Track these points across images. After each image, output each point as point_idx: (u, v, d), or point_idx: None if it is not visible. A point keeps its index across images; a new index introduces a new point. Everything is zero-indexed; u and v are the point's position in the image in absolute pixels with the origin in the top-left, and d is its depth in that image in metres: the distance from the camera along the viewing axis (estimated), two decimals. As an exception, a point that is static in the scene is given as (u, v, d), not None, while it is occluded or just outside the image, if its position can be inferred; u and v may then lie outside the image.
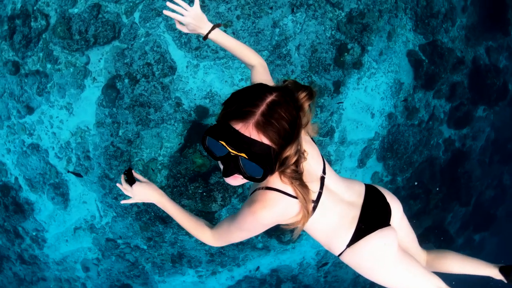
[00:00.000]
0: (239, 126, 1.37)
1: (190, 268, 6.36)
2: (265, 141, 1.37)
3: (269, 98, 1.40)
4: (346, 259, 1.97)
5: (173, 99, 5.22)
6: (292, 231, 1.74)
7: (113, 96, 5.13)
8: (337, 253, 1.96)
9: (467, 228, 8.32)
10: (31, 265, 6.16)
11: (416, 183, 6.84)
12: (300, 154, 1.54)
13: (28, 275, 6.29)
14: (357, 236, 1.89)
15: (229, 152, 1.41)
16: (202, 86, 5.25)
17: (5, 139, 5.45)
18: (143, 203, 5.60)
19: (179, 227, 5.81)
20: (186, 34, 5.04)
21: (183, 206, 5.70)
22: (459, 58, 6.33)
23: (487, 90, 6.75)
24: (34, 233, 5.89)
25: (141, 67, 5.05)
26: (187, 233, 5.87)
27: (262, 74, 2.07)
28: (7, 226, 5.87)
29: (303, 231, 1.84)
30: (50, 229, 5.88)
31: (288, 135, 1.42)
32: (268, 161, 1.40)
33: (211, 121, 5.37)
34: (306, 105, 1.51)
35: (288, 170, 1.56)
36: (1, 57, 5.17)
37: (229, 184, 1.63)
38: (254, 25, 5.04)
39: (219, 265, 6.44)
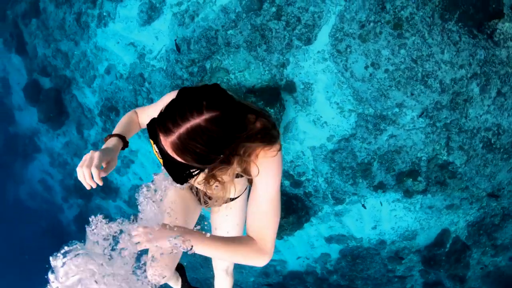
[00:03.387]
0: (160, 136, 1.36)
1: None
2: (179, 159, 1.37)
3: (194, 121, 1.28)
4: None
5: (283, 58, 5.31)
6: None
7: (253, 7, 5.17)
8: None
9: None
10: (79, 28, 6.52)
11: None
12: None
13: (70, 30, 6.69)
14: None
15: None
16: (310, 75, 5.31)
17: None
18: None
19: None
20: None
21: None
22: (465, 278, 6.30)
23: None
24: (105, 13, 6.19)
25: (292, 15, 5.07)
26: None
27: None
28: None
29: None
30: (117, 23, 6.17)
31: (207, 155, 1.36)
32: (180, 171, 1.46)
33: (287, 97, 5.50)
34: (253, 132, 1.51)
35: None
36: None
37: None
38: (388, 87, 5.03)
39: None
